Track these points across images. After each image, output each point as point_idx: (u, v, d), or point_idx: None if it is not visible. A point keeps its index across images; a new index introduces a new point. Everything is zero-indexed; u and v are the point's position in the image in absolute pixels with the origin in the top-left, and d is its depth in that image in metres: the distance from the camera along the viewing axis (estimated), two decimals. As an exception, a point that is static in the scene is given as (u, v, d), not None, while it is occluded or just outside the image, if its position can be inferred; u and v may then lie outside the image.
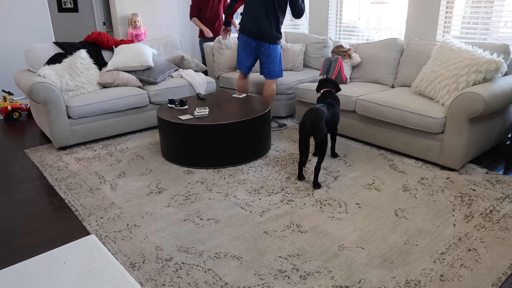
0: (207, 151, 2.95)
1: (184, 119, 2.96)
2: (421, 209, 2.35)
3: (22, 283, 0.92)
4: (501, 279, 1.75)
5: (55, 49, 3.87)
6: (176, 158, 3.05)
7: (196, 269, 1.86)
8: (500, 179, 2.71)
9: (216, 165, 2.99)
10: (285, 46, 4.47)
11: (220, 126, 2.89)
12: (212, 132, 2.90)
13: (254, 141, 3.07)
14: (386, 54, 3.75)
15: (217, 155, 2.97)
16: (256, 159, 3.14)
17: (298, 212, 2.34)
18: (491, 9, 3.38)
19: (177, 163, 3.07)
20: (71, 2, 7.36)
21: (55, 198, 2.63)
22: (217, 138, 2.92)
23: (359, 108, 3.29)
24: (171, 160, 3.10)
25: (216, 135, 2.91)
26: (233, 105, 3.33)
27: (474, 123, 2.72)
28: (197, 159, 2.98)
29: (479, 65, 2.78)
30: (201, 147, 2.94)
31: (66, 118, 3.40)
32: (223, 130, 2.90)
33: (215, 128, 2.89)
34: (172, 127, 2.97)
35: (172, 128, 2.98)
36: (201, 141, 2.92)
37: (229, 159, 3.00)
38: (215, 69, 4.66)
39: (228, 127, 2.91)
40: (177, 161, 3.06)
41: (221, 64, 4.57)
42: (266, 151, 3.26)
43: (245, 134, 2.99)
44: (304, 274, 1.81)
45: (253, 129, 3.03)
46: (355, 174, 2.84)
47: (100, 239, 2.13)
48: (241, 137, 2.98)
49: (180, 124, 2.92)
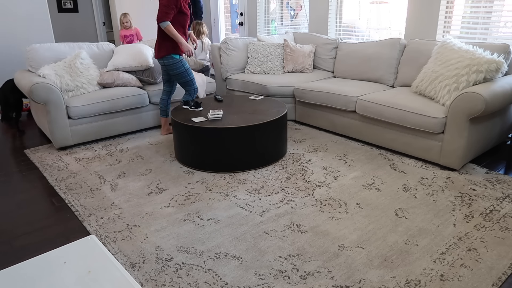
0: (219, 155, 2.85)
1: (197, 121, 2.88)
2: (421, 209, 2.35)
3: (22, 283, 0.92)
4: (501, 279, 1.75)
5: (55, 49, 3.86)
6: (190, 162, 2.97)
7: (196, 269, 1.86)
8: (500, 179, 2.71)
9: (227, 170, 2.89)
10: (294, 47, 4.37)
11: (232, 130, 2.78)
12: (225, 135, 2.80)
13: (268, 146, 2.95)
14: (388, 53, 3.75)
15: (229, 160, 2.86)
16: (271, 164, 3.02)
17: (298, 212, 2.34)
18: (491, 9, 3.38)
19: (191, 167, 2.98)
20: (71, 2, 7.37)
21: (55, 198, 2.63)
22: (230, 142, 2.81)
23: (359, 108, 3.29)
24: (186, 164, 3.02)
25: (229, 139, 2.81)
26: (249, 107, 3.22)
27: (474, 123, 2.72)
28: (211, 163, 2.88)
29: (480, 65, 2.78)
30: (214, 151, 2.84)
31: (66, 118, 3.40)
32: (236, 133, 2.80)
33: (227, 131, 2.79)
34: (186, 130, 2.89)
35: (186, 131, 2.89)
36: (214, 145, 2.83)
37: (243, 164, 2.89)
38: (222, 70, 4.54)
39: (241, 131, 2.80)
40: (192, 164, 2.97)
41: (228, 65, 4.48)
42: (281, 156, 3.14)
43: (260, 138, 2.88)
44: (304, 274, 1.81)
45: (268, 133, 2.92)
46: (355, 174, 2.84)
47: (100, 239, 2.13)
48: (256, 142, 2.87)
49: (193, 127, 2.83)
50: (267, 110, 3.13)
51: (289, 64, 4.37)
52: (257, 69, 4.40)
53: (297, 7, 5.42)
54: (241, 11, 5.97)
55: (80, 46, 4.00)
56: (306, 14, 5.18)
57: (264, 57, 4.39)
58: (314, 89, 3.66)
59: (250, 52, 4.45)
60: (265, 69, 4.38)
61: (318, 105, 3.72)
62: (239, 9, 6.01)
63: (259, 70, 4.39)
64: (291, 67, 4.37)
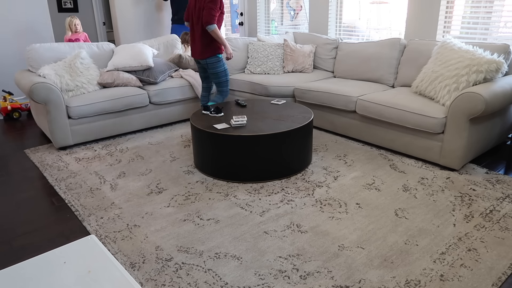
0: (245, 164, 2.70)
1: (220, 128, 2.74)
2: (421, 209, 2.35)
3: (22, 283, 0.92)
4: (501, 279, 1.75)
5: (55, 49, 3.86)
6: (211, 171, 2.83)
7: (196, 269, 1.86)
8: (500, 179, 2.71)
9: (251, 180, 2.74)
10: (294, 47, 4.38)
11: (259, 138, 2.63)
12: (250, 143, 2.64)
13: (294, 154, 2.79)
14: (388, 53, 3.75)
15: (255, 169, 2.71)
16: (296, 173, 2.87)
17: (298, 212, 2.33)
18: (491, 9, 3.38)
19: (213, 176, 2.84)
20: (71, 2, 7.37)
21: (55, 198, 2.63)
22: (257, 150, 2.66)
23: (360, 108, 3.29)
24: (207, 173, 2.87)
25: (255, 147, 2.65)
26: (273, 113, 3.07)
27: (474, 123, 2.72)
28: (235, 172, 2.73)
29: (480, 65, 2.78)
30: (239, 160, 2.69)
31: (66, 118, 3.40)
32: (263, 141, 2.65)
33: (253, 139, 2.63)
34: (208, 137, 2.73)
35: (208, 139, 2.74)
36: (239, 153, 2.67)
37: (268, 173, 2.74)
38: None
39: (268, 138, 2.65)
40: (213, 174, 2.83)
41: (229, 65, 4.48)
42: (307, 165, 2.98)
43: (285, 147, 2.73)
44: (304, 274, 1.81)
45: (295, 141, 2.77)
46: (355, 174, 2.84)
47: (100, 239, 2.13)
48: (282, 150, 2.72)
49: (216, 135, 2.67)
50: (293, 115, 2.98)
51: (289, 64, 4.37)
52: (257, 69, 4.40)
53: (297, 7, 5.42)
54: (241, 11, 5.98)
55: (80, 46, 4.00)
56: (306, 14, 5.18)
57: (264, 57, 4.39)
58: (314, 89, 3.66)
59: (250, 52, 4.45)
60: (265, 69, 4.38)
61: (318, 105, 3.72)
62: (239, 9, 6.01)
63: (259, 70, 4.39)
64: (291, 67, 4.37)
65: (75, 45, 3.98)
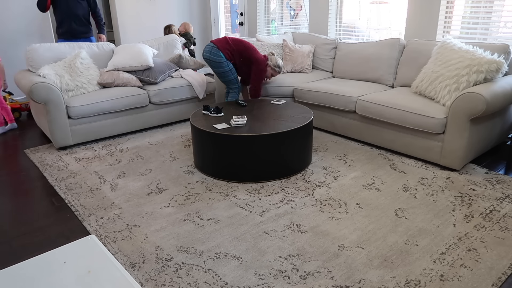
0: (245, 164, 2.70)
1: (219, 128, 2.74)
2: (421, 209, 2.35)
3: (22, 283, 0.92)
4: (501, 279, 1.75)
5: (55, 49, 3.86)
6: (212, 171, 2.83)
7: (196, 269, 1.86)
8: (500, 179, 2.71)
9: (251, 180, 2.74)
10: (293, 47, 4.37)
11: (259, 138, 2.63)
12: (251, 143, 2.64)
13: (294, 154, 2.79)
14: (387, 53, 3.75)
15: (255, 169, 2.71)
16: (296, 173, 2.87)
17: (298, 212, 2.33)
18: (491, 9, 3.38)
19: (213, 176, 2.84)
20: (71, 2, 7.35)
21: (55, 198, 2.63)
22: (257, 150, 2.66)
23: (359, 108, 3.29)
24: (207, 173, 2.87)
25: (256, 147, 2.65)
26: (273, 113, 3.06)
27: (475, 123, 2.72)
28: (235, 172, 2.73)
29: (480, 65, 2.78)
30: (239, 160, 2.69)
31: (66, 118, 3.40)
32: (263, 141, 2.64)
33: (254, 139, 2.63)
34: (209, 137, 2.73)
35: (208, 138, 2.74)
36: (239, 153, 2.67)
37: (268, 173, 2.74)
38: None
39: (269, 138, 2.64)
40: (213, 174, 2.83)
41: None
42: (306, 165, 2.98)
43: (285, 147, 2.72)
44: (304, 274, 1.81)
45: (296, 141, 2.77)
46: (355, 174, 2.84)
47: (100, 239, 2.13)
48: (281, 150, 2.72)
49: (216, 135, 2.68)
50: (293, 115, 2.97)
51: (288, 64, 4.36)
52: (257, 69, 4.39)
53: (297, 7, 5.42)
54: (241, 11, 5.98)
55: (80, 46, 4.00)
56: (306, 14, 5.18)
57: (264, 57, 4.38)
58: (313, 89, 3.66)
59: (250, 52, 4.45)
60: None
61: (318, 105, 3.72)
62: (239, 9, 6.01)
63: (259, 70, 4.38)
64: (290, 67, 4.37)
65: (75, 45, 3.98)
